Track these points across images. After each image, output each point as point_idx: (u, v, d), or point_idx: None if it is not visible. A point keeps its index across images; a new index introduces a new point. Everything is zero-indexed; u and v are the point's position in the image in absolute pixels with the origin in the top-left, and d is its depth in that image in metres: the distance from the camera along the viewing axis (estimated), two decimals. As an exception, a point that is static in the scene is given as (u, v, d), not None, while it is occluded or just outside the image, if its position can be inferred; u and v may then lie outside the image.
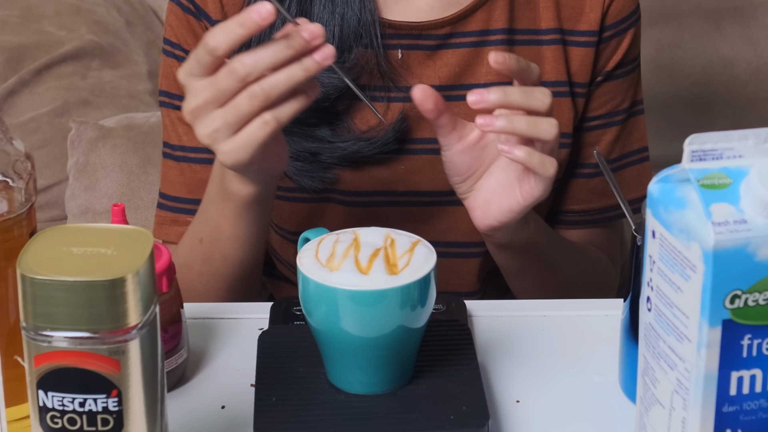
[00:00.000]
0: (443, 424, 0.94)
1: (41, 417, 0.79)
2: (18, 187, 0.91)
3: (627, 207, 1.06)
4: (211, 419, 1.00)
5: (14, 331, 0.91)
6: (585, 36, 1.31)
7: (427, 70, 1.28)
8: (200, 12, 1.28)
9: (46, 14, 2.02)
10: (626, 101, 1.36)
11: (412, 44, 1.27)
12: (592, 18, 1.30)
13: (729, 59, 2.11)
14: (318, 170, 1.27)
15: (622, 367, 1.04)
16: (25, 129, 1.93)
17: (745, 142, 0.80)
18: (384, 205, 1.30)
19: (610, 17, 1.31)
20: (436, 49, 1.27)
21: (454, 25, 1.27)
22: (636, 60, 1.36)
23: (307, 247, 0.98)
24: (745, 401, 0.81)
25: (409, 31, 1.26)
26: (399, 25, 1.26)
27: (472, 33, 1.28)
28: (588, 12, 1.30)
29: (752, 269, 0.78)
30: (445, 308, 1.12)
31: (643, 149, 1.39)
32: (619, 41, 1.32)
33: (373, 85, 1.26)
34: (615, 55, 1.33)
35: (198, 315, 1.14)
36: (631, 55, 1.35)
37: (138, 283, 0.77)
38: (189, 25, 1.29)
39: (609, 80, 1.34)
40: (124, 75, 2.02)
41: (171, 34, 1.30)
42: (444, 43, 1.27)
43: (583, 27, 1.30)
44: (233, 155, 1.05)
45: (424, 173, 1.29)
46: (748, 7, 2.12)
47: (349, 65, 1.23)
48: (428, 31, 1.27)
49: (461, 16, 1.27)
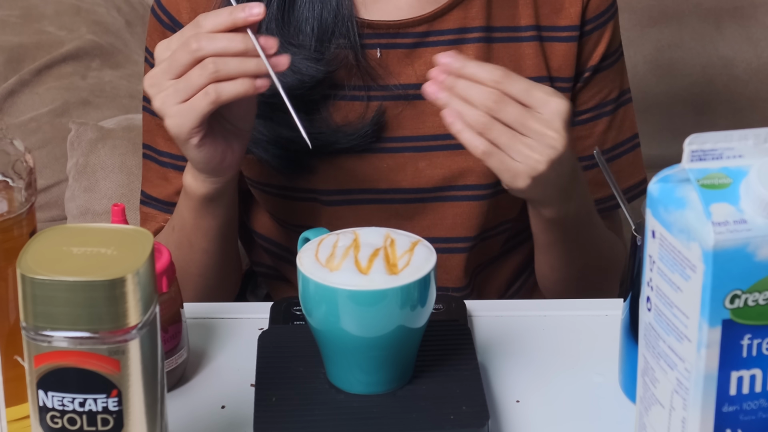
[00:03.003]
0: (443, 424, 0.94)
1: (41, 417, 0.79)
2: (18, 187, 0.91)
3: (627, 207, 1.06)
4: (211, 419, 1.00)
5: (14, 331, 0.91)
6: (566, 31, 1.31)
7: (406, 68, 1.28)
8: (175, 24, 1.30)
9: (46, 14, 2.02)
10: (614, 91, 1.37)
11: (390, 43, 1.28)
12: (572, 13, 1.31)
13: (729, 59, 2.11)
14: (294, 158, 1.29)
15: (622, 367, 1.04)
16: (25, 129, 1.93)
17: (745, 142, 0.80)
18: (367, 203, 1.31)
19: (590, 11, 1.32)
20: (413, 47, 1.28)
21: (431, 23, 1.28)
22: (619, 49, 1.38)
23: (307, 247, 0.98)
24: (745, 401, 0.81)
25: (387, 30, 1.28)
26: (377, 24, 1.27)
27: (449, 31, 1.29)
28: (568, 7, 1.31)
29: (752, 269, 0.78)
30: (445, 308, 1.12)
31: (634, 136, 1.40)
32: (600, 33, 1.33)
33: (353, 84, 1.28)
34: (598, 48, 1.34)
35: (198, 315, 1.14)
36: (614, 46, 1.36)
37: (138, 283, 0.77)
38: (164, 37, 1.29)
39: (597, 73, 1.35)
40: (124, 75, 2.02)
41: (150, 43, 1.33)
42: (421, 41, 1.28)
43: (563, 22, 1.31)
44: (176, 120, 1.12)
45: (407, 171, 1.30)
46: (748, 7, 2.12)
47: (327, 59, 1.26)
48: (405, 29, 1.28)
49: (438, 14, 1.28)
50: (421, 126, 1.29)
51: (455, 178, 1.30)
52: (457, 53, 1.13)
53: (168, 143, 1.34)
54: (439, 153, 1.30)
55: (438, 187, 1.30)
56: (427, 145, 1.29)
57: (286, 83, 1.22)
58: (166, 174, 1.36)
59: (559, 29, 1.31)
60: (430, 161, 1.29)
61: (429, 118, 1.29)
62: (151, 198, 1.38)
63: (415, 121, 1.29)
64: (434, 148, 1.29)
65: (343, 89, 1.27)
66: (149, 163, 1.38)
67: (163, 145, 1.35)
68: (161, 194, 1.37)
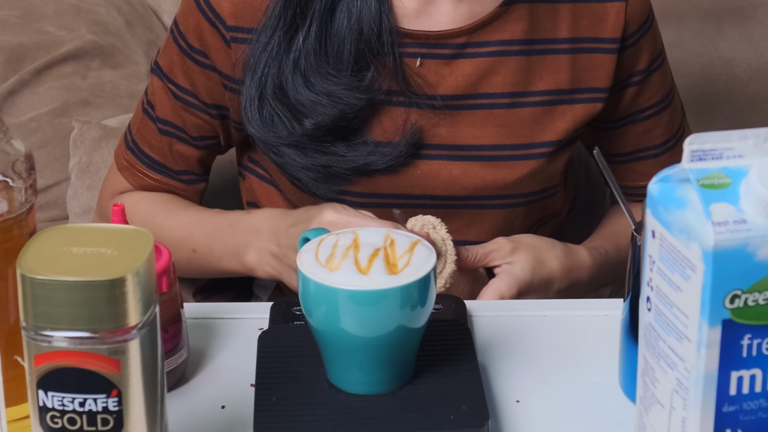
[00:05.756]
0: (443, 424, 0.94)
1: (41, 417, 0.79)
2: (18, 187, 0.91)
3: (627, 207, 1.06)
4: (211, 419, 1.00)
5: (14, 331, 0.91)
6: (606, 43, 1.33)
7: (444, 78, 1.29)
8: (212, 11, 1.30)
9: (46, 14, 2.02)
10: (666, 85, 1.41)
11: (429, 53, 1.29)
12: (614, 25, 1.32)
13: (729, 59, 2.10)
14: (329, 180, 1.30)
15: (622, 367, 1.04)
16: (25, 129, 1.92)
17: (745, 142, 0.80)
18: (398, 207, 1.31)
19: (632, 24, 1.33)
20: (452, 58, 1.29)
21: (470, 35, 1.29)
22: (663, 49, 1.41)
23: (307, 247, 0.98)
24: (745, 401, 0.81)
25: (426, 40, 1.28)
26: (416, 34, 1.28)
27: (488, 43, 1.30)
28: (609, 19, 1.32)
29: (752, 269, 0.78)
30: (445, 308, 1.12)
31: (683, 112, 1.47)
32: (645, 41, 1.36)
33: (392, 91, 1.28)
34: (645, 54, 1.36)
35: (198, 315, 1.14)
36: (659, 48, 1.39)
37: (138, 283, 0.77)
38: (197, 22, 1.31)
39: (650, 75, 1.38)
40: (124, 75, 2.02)
41: (182, 20, 1.34)
42: (460, 52, 1.29)
43: (604, 34, 1.32)
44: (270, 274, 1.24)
45: (441, 178, 1.31)
46: (748, 7, 2.12)
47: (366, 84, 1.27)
48: (445, 40, 1.29)
49: (478, 26, 1.29)
50: (456, 136, 1.30)
51: (488, 188, 1.32)
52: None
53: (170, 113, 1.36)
54: (473, 163, 1.31)
55: (470, 196, 1.32)
56: (461, 154, 1.31)
57: (329, 115, 1.24)
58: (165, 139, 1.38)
59: (600, 41, 1.33)
60: (464, 170, 1.31)
61: (464, 129, 1.30)
62: (141, 151, 1.39)
63: (450, 130, 1.30)
64: (468, 158, 1.31)
65: (381, 94, 1.28)
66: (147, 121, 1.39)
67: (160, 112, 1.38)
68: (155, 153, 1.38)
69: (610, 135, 1.41)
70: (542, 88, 1.32)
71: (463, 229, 1.33)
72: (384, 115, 1.29)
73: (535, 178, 1.34)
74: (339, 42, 1.25)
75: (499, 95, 1.30)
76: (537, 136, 1.32)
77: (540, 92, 1.32)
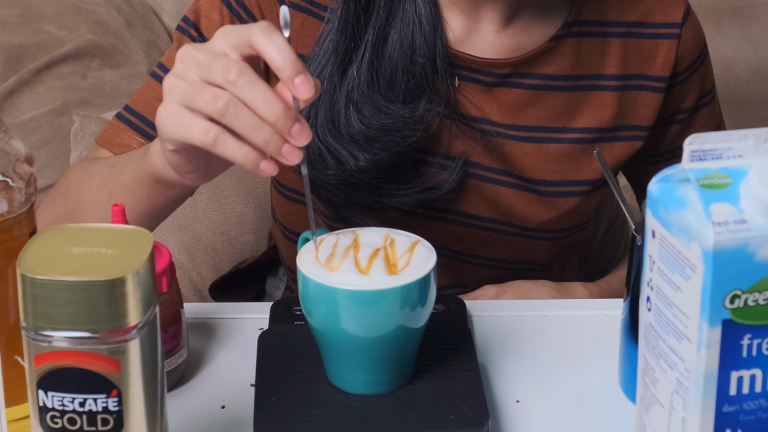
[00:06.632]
0: (443, 424, 0.94)
1: (41, 417, 0.79)
2: (18, 187, 0.91)
3: (627, 207, 1.06)
4: (211, 419, 1.00)
5: (14, 331, 0.91)
6: (655, 81, 1.29)
7: (479, 104, 1.26)
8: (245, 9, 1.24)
9: (46, 14, 2.02)
10: (713, 123, 1.37)
11: (470, 77, 1.25)
12: (664, 63, 1.29)
13: (729, 59, 2.11)
14: (373, 212, 1.25)
15: (622, 367, 1.04)
16: (25, 129, 1.92)
17: (745, 142, 0.80)
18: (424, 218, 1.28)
19: (683, 62, 1.30)
20: (492, 86, 1.26)
21: (515, 66, 1.25)
22: (713, 87, 1.37)
23: (307, 247, 0.98)
24: (745, 401, 0.81)
25: (470, 64, 1.24)
26: (461, 56, 1.24)
27: (532, 75, 1.26)
28: (660, 57, 1.29)
29: (752, 269, 0.78)
30: (445, 308, 1.12)
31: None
32: (694, 79, 1.32)
33: (436, 110, 1.23)
34: (692, 92, 1.33)
35: (198, 315, 1.14)
36: (709, 86, 1.35)
37: (138, 283, 0.77)
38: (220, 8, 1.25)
39: (696, 111, 1.34)
40: (124, 75, 2.02)
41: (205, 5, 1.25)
42: (502, 81, 1.26)
43: (653, 72, 1.29)
44: (166, 118, 0.96)
45: (470, 196, 1.28)
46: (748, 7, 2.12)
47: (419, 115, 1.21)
48: (488, 68, 1.25)
49: (525, 60, 1.25)
50: (487, 159, 1.27)
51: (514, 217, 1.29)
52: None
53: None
54: (504, 189, 1.28)
55: (495, 219, 1.29)
56: (492, 177, 1.27)
57: (387, 150, 1.19)
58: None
59: (648, 78, 1.29)
60: (493, 193, 1.28)
61: (493, 154, 1.27)
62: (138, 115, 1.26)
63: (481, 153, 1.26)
64: (499, 183, 1.27)
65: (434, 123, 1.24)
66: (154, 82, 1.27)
67: None
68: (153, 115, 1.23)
69: (651, 169, 1.35)
70: (583, 125, 1.27)
71: (478, 247, 1.31)
72: (433, 169, 1.25)
73: (566, 217, 1.30)
74: (392, 69, 1.20)
75: (533, 129, 1.26)
76: (571, 173, 1.28)
77: (580, 129, 1.27)
